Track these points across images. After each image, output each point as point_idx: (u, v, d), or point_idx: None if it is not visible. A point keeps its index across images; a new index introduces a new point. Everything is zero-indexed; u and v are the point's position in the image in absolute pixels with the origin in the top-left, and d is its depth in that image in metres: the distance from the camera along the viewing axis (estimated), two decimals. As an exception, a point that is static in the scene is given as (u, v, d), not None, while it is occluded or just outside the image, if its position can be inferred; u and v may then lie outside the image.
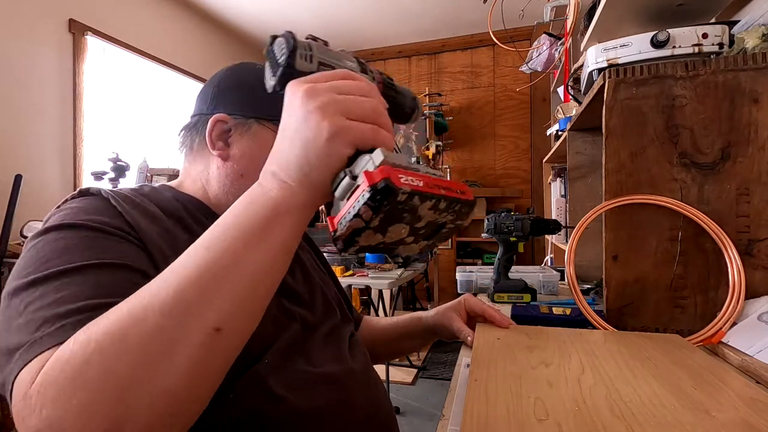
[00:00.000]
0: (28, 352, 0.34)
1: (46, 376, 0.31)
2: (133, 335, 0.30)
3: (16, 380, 0.33)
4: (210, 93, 0.62)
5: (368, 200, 0.30)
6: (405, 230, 0.34)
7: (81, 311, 0.37)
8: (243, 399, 0.47)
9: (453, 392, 0.56)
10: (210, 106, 0.61)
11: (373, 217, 0.31)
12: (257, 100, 0.60)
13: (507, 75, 4.14)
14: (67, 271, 0.40)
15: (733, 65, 0.66)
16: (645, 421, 0.36)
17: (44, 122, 2.47)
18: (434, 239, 0.38)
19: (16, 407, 0.32)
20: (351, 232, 0.32)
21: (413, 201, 0.31)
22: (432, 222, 0.35)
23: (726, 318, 0.63)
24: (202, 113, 0.62)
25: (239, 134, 0.59)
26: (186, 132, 0.64)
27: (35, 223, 2.21)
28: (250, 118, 0.59)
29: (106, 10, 2.84)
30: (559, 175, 1.85)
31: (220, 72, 0.64)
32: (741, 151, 0.66)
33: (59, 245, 0.43)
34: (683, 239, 0.68)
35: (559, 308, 0.83)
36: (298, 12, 3.64)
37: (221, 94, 0.61)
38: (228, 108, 0.60)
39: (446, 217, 0.35)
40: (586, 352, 0.54)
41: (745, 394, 0.41)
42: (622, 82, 0.71)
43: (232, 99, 0.61)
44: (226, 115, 0.59)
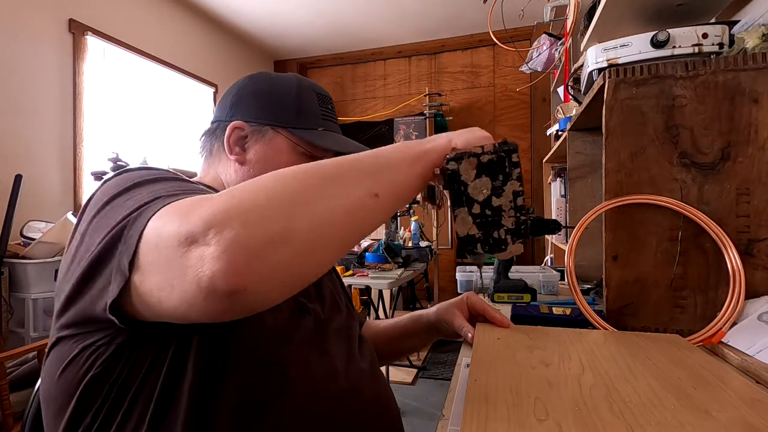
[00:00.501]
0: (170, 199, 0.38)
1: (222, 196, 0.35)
2: (313, 174, 0.38)
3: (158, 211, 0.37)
4: (229, 101, 0.67)
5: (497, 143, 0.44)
6: (487, 190, 0.43)
7: (199, 191, 0.42)
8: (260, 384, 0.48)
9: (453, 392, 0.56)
10: (228, 113, 0.66)
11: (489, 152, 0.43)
12: (272, 108, 0.65)
13: (507, 75, 4.14)
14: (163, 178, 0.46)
15: (733, 65, 0.66)
16: (645, 421, 0.36)
17: (44, 122, 2.47)
18: None
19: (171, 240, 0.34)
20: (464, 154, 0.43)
21: (512, 160, 0.43)
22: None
23: (726, 318, 0.63)
24: (221, 120, 0.66)
25: (255, 140, 0.64)
26: (206, 137, 0.68)
27: (35, 223, 2.21)
28: (266, 125, 0.64)
29: (106, 10, 2.84)
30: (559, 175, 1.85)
31: (238, 82, 0.69)
32: (741, 151, 0.66)
33: (140, 173, 0.47)
34: (683, 239, 0.68)
35: (559, 308, 0.83)
36: (299, 11, 3.64)
37: (239, 102, 0.66)
38: (245, 115, 0.64)
39: None
40: (586, 352, 0.54)
41: (746, 394, 0.41)
42: (622, 82, 0.71)
43: (249, 107, 0.65)
44: (243, 122, 0.64)
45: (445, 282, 4.05)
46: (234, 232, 0.32)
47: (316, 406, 0.52)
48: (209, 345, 0.46)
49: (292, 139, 0.64)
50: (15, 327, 2.11)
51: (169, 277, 0.34)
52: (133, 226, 0.38)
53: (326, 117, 0.68)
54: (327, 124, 0.67)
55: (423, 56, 4.42)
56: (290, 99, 0.65)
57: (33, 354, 1.48)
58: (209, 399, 0.45)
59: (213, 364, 0.46)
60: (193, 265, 0.32)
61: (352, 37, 4.19)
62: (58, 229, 2.15)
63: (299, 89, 0.66)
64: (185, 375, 0.44)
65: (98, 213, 0.44)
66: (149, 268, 0.36)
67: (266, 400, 0.48)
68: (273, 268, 0.33)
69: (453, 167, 0.43)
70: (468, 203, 0.44)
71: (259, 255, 0.32)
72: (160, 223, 0.36)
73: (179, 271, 0.33)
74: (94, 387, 0.44)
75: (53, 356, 0.47)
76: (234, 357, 0.47)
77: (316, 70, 4.74)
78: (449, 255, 4.04)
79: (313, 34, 4.10)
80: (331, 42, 4.28)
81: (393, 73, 4.52)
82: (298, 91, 0.66)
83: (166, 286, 0.34)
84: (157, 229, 0.36)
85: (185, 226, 0.33)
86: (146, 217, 0.37)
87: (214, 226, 0.32)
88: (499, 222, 0.44)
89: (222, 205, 0.34)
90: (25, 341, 2.06)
